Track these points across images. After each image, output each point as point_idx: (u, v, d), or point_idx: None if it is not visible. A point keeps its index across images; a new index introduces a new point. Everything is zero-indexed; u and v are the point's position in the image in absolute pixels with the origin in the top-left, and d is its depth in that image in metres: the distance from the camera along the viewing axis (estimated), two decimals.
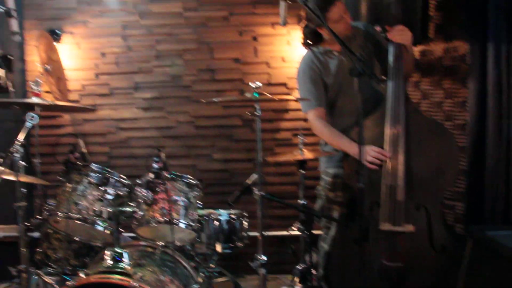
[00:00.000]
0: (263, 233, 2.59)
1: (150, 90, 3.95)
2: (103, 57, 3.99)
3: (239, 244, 2.96)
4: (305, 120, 3.03)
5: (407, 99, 2.76)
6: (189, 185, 2.72)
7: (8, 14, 2.67)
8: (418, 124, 2.71)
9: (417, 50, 3.34)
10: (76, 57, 4.01)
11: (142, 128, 3.98)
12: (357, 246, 2.17)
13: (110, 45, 3.98)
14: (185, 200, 2.66)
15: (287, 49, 3.89)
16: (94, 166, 2.83)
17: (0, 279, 4.00)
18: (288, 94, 3.88)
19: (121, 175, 2.89)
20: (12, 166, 2.65)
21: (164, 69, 3.94)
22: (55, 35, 3.93)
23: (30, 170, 3.83)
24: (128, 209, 2.67)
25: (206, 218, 2.89)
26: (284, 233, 2.97)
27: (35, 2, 4.04)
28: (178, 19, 3.92)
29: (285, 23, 2.53)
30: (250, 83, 2.60)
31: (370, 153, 2.64)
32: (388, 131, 2.66)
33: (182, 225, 2.62)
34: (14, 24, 2.72)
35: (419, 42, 3.15)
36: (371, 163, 2.63)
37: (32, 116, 2.59)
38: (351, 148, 2.70)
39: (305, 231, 2.71)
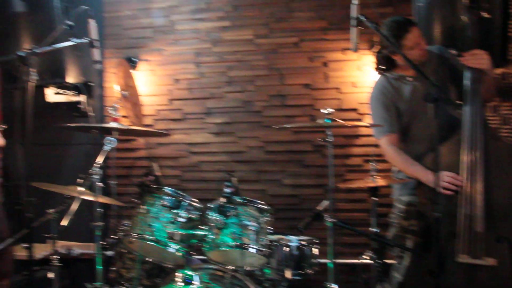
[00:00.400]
0: (334, 260, 2.55)
1: (221, 115, 4.04)
2: (176, 83, 4.14)
3: (309, 271, 2.90)
4: (377, 146, 2.98)
5: (485, 124, 2.65)
6: (260, 210, 2.72)
7: (91, 45, 2.83)
8: (498, 150, 2.59)
9: (496, 73, 3.21)
10: (151, 83, 4.19)
11: (213, 153, 4.06)
12: (433, 278, 2.09)
13: (184, 71, 4.13)
14: (256, 225, 2.67)
15: (358, 75, 3.86)
16: (167, 189, 2.91)
17: None
18: (359, 119, 3.83)
19: (193, 199, 2.95)
20: (91, 187, 2.76)
21: (235, 95, 4.02)
22: (132, 63, 4.14)
23: (106, 191, 4.02)
24: (199, 232, 2.71)
25: (276, 244, 2.87)
26: (355, 261, 2.90)
27: (114, 32, 4.30)
28: (249, 46, 4.01)
29: (356, 49, 2.52)
30: (321, 109, 2.60)
31: (444, 178, 2.54)
32: (465, 158, 2.56)
33: (252, 250, 2.61)
34: (96, 54, 2.87)
35: (498, 65, 3.03)
36: (445, 188, 2.54)
37: (111, 140, 2.72)
38: (425, 175, 2.62)
39: (377, 260, 2.63)
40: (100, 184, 2.76)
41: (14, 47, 3.87)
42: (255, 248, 2.62)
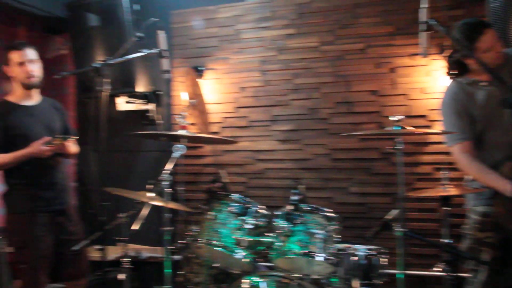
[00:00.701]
0: (404, 271, 2.48)
1: (287, 122, 4.04)
2: (242, 91, 4.19)
3: (377, 281, 2.83)
4: (448, 153, 2.87)
5: None
6: (328, 218, 2.71)
7: (160, 55, 2.92)
8: None
9: None
10: (217, 91, 4.27)
11: (278, 160, 4.06)
12: None
13: (249, 79, 4.17)
14: (323, 233, 2.65)
15: (427, 80, 3.75)
16: (235, 196, 2.96)
17: None
18: (428, 126, 3.72)
19: (260, 206, 2.97)
20: (160, 193, 2.81)
21: (301, 102, 4.01)
22: (198, 72, 4.22)
23: (174, 197, 4.12)
24: (266, 239, 2.72)
25: (344, 253, 2.82)
26: (426, 273, 2.81)
27: (181, 42, 4.41)
28: (315, 53, 3.99)
29: (426, 54, 2.45)
30: (390, 116, 2.54)
31: None
32: None
33: (319, 258, 2.60)
34: (165, 64, 2.96)
35: None
36: None
37: (180, 147, 2.77)
38: (502, 185, 2.49)
39: (450, 273, 2.53)
40: (169, 190, 2.81)
41: (88, 59, 4.06)
42: (322, 256, 2.61)
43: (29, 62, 3.06)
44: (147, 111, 4.40)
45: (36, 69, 3.10)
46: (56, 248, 3.12)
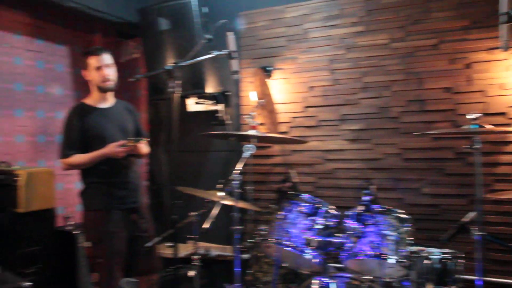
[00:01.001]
0: (483, 278, 2.37)
1: (356, 122, 3.97)
2: (311, 91, 4.16)
3: (452, 287, 2.72)
4: None
5: None
6: (400, 220, 2.64)
7: (230, 56, 2.95)
8: None
9: None
10: (285, 91, 4.26)
11: (348, 160, 4.00)
12: None
13: (318, 79, 4.13)
14: (396, 234, 2.59)
15: (506, 76, 3.54)
16: (305, 196, 2.95)
17: None
18: (508, 124, 3.52)
19: (330, 206, 2.93)
20: (230, 192, 2.86)
21: (371, 101, 3.93)
22: (267, 72, 4.22)
23: (244, 197, 4.16)
24: (336, 240, 2.69)
25: (417, 256, 2.74)
26: (507, 281, 2.66)
27: (249, 43, 4.44)
28: (385, 50, 3.89)
29: (507, 47, 2.33)
30: (467, 115, 2.44)
31: None
32: None
33: (391, 261, 2.54)
34: (234, 65, 2.98)
35: None
36: None
37: (250, 147, 2.78)
38: None
39: None
40: (239, 190, 2.83)
41: (160, 62, 4.19)
42: (394, 259, 2.54)
43: (105, 67, 3.17)
44: (216, 111, 4.49)
45: (111, 73, 3.21)
46: (130, 245, 3.21)
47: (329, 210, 2.90)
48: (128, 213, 3.22)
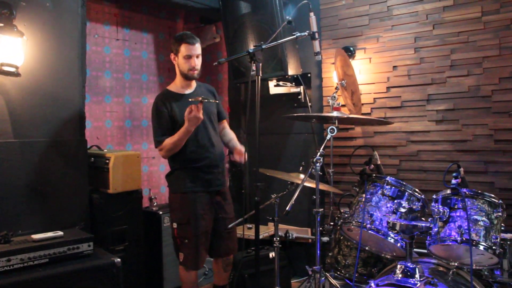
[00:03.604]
0: None
1: (443, 102, 3.79)
2: (394, 70, 4.02)
3: None
4: None
5: None
6: (492, 205, 2.49)
7: (312, 37, 2.90)
8: None
9: None
10: (368, 71, 4.15)
11: (434, 141, 3.83)
12: None
13: (402, 57, 3.98)
14: (486, 220, 2.46)
15: None
16: (389, 178, 2.88)
17: (296, 275, 4.39)
18: None
19: (416, 189, 2.83)
20: (311, 175, 2.78)
21: (460, 79, 3.72)
22: (349, 52, 4.15)
23: (324, 179, 4.14)
24: (422, 224, 2.59)
25: (509, 243, 2.59)
26: None
27: (331, 23, 4.37)
28: (476, 24, 3.65)
29: None
30: None
31: None
32: None
33: (481, 248, 2.42)
34: (316, 45, 2.93)
35: None
36: None
37: (333, 129, 2.69)
38: None
39: None
40: (320, 172, 2.78)
41: (241, 46, 4.21)
42: (484, 246, 2.43)
43: (195, 57, 3.24)
44: (298, 93, 4.47)
45: (198, 64, 3.27)
46: (213, 226, 3.31)
47: (414, 193, 2.82)
48: (213, 196, 3.30)
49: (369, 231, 2.75)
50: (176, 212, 3.28)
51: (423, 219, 2.84)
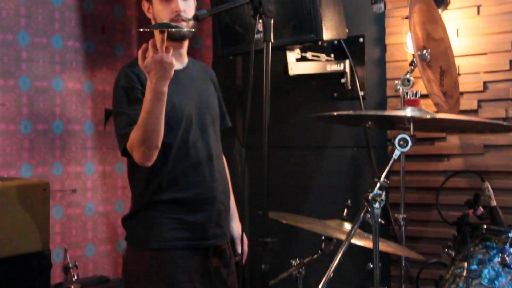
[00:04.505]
0: None
1: None
2: None
3: None
4: None
5: None
6: None
7: None
8: None
9: None
10: (474, 31, 4.03)
11: None
12: None
13: None
14: None
15: None
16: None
17: None
18: None
19: None
20: (362, 224, 2.81)
21: None
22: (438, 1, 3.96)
23: (388, 232, 4.16)
24: None
25: None
26: None
27: None
28: None
29: None
30: None
31: None
32: None
33: None
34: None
35: None
36: None
37: (405, 140, 2.70)
38: None
39: None
40: (380, 220, 2.74)
41: None
42: None
43: None
44: (340, 74, 4.31)
45: (187, 9, 3.20)
46: None
47: None
48: (207, 256, 3.19)
49: None
50: (139, 282, 3.12)
51: None
